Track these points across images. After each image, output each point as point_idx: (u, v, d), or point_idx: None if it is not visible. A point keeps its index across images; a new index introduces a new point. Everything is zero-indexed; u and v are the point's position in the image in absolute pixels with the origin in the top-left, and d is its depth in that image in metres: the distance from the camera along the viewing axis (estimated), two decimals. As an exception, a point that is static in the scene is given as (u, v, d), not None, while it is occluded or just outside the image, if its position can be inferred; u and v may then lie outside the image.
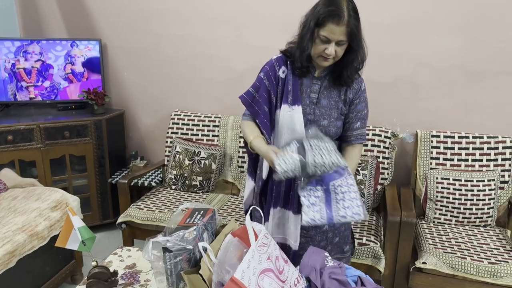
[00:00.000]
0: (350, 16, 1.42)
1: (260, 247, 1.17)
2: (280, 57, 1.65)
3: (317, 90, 1.62)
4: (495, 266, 2.03)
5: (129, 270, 1.66)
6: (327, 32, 1.44)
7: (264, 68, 1.67)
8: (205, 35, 3.07)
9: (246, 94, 1.66)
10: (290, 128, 1.60)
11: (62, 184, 3.02)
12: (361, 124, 1.67)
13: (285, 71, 1.62)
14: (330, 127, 1.62)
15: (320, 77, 1.62)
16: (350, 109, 1.65)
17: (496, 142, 2.49)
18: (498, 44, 2.53)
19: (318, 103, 1.61)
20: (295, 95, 1.59)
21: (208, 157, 2.90)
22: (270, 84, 1.63)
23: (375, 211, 2.66)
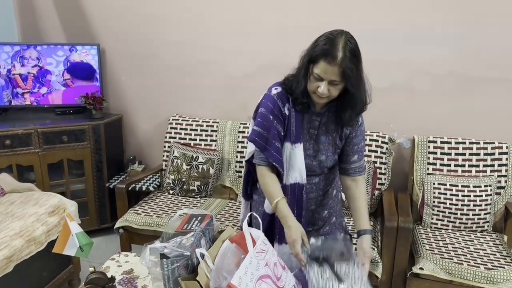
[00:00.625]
0: (345, 57, 1.37)
1: (258, 253, 1.17)
2: (281, 92, 1.58)
3: (317, 126, 1.60)
4: (491, 271, 2.04)
5: (126, 276, 1.66)
6: (319, 70, 1.40)
7: (265, 105, 1.58)
8: (203, 41, 3.08)
9: (258, 137, 1.57)
10: (292, 165, 1.58)
11: (59, 188, 3.02)
12: (359, 157, 1.65)
13: (289, 108, 1.57)
14: (328, 162, 1.62)
15: (320, 113, 1.59)
16: (346, 142, 1.63)
17: (493, 148, 2.50)
18: (493, 51, 2.55)
19: (317, 139, 1.60)
20: (297, 133, 1.57)
21: (206, 162, 2.91)
22: (279, 124, 1.57)
23: (372, 216, 2.67)
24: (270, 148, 1.56)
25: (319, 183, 1.68)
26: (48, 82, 3.20)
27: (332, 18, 2.73)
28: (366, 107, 1.56)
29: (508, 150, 2.49)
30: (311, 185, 1.66)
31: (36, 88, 3.19)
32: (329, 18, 2.74)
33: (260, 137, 1.57)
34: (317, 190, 1.69)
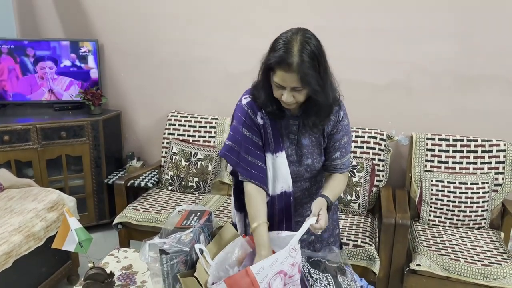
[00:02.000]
0: (303, 62, 1.26)
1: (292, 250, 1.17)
2: (251, 102, 1.50)
3: (296, 130, 1.51)
4: (488, 268, 2.06)
5: (125, 271, 1.67)
6: (278, 79, 1.31)
7: (237, 117, 1.52)
8: (202, 37, 3.08)
9: (229, 152, 1.50)
10: (276, 175, 1.52)
11: (58, 184, 3.02)
12: (341, 154, 1.56)
13: (263, 117, 1.49)
14: (315, 164, 1.55)
15: (297, 116, 1.50)
16: (328, 139, 1.55)
17: (491, 145, 2.51)
18: (491, 50, 2.55)
19: (298, 143, 1.52)
20: (276, 142, 1.49)
21: (205, 158, 2.91)
22: (254, 135, 1.49)
23: (370, 213, 2.68)
24: (242, 163, 1.48)
25: (310, 188, 1.62)
26: (46, 76, 3.19)
27: (330, 17, 2.73)
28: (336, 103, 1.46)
29: (506, 147, 2.50)
30: (302, 191, 1.61)
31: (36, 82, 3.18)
32: (327, 16, 2.74)
33: (231, 152, 1.50)
34: (310, 195, 1.63)
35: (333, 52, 1.43)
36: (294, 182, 1.55)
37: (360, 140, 2.67)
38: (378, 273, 2.19)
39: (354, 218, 2.57)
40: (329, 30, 2.65)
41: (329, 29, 2.68)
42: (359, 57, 2.73)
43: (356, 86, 2.76)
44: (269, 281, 1.09)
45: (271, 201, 1.55)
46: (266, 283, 1.08)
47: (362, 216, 2.59)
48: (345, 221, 2.50)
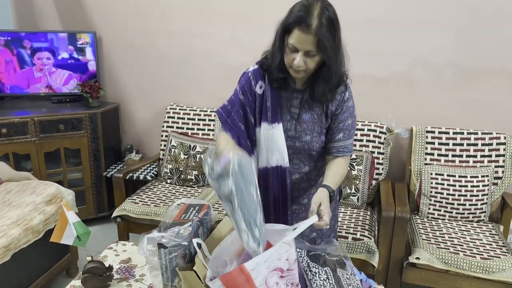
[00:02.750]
0: (321, 25, 1.27)
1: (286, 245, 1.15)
2: (257, 69, 1.52)
3: (298, 104, 1.51)
4: (487, 261, 2.06)
5: (124, 265, 1.66)
6: (294, 40, 1.32)
7: (240, 81, 1.57)
8: (201, 30, 3.06)
9: (222, 109, 1.57)
10: (271, 147, 1.51)
11: (56, 177, 3.01)
12: (344, 136, 1.54)
13: (263, 86, 1.50)
14: (313, 143, 1.53)
15: (301, 90, 1.50)
16: (332, 119, 1.53)
17: (491, 138, 2.50)
18: (492, 42, 2.53)
19: (299, 118, 1.51)
20: (274, 112, 1.49)
21: (204, 151, 2.90)
22: (246, 100, 1.52)
23: (370, 206, 2.68)
24: (230, 122, 1.53)
25: (310, 173, 1.60)
26: (43, 68, 3.17)
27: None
28: (344, 82, 1.48)
29: (506, 140, 2.49)
30: (301, 174, 1.59)
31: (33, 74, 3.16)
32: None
33: (224, 111, 1.57)
34: (308, 180, 1.61)
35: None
36: (291, 160, 1.54)
37: (359, 133, 2.66)
38: (377, 266, 2.19)
39: (354, 211, 2.56)
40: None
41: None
42: (359, 49, 2.69)
43: (356, 78, 2.70)
44: (266, 278, 1.08)
45: (266, 172, 1.55)
46: (262, 280, 1.07)
47: (362, 209, 2.59)
48: (344, 214, 2.50)
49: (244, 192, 1.16)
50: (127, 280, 1.56)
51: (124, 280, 1.56)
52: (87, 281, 1.49)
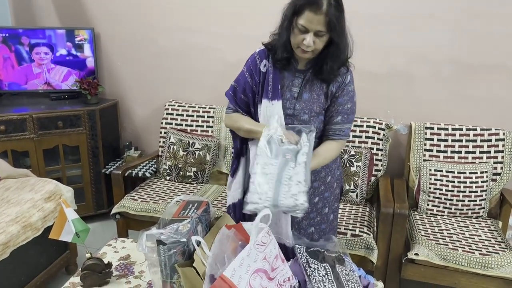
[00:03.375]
0: (330, 5, 1.35)
1: (258, 246, 1.16)
2: (262, 50, 1.60)
3: (299, 84, 1.56)
4: (486, 257, 2.06)
5: (123, 262, 1.66)
6: (304, 21, 1.38)
7: (247, 62, 1.64)
8: (200, 26, 3.05)
9: (231, 90, 1.65)
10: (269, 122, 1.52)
11: (55, 174, 3.01)
12: (342, 119, 1.57)
13: (267, 65, 1.56)
14: (311, 122, 1.56)
15: (303, 70, 1.56)
16: (331, 102, 1.57)
17: (489, 135, 2.50)
18: (492, 38, 2.53)
19: (299, 97, 1.56)
20: (275, 89, 1.54)
21: (203, 148, 2.90)
22: (252, 80, 1.59)
23: (369, 202, 2.68)
24: (238, 100, 1.63)
25: None
26: (41, 64, 3.16)
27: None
28: (349, 58, 1.54)
29: (505, 136, 2.49)
30: None
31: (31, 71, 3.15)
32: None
33: (232, 90, 1.65)
34: None
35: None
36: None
37: (358, 130, 2.66)
38: (376, 262, 2.20)
39: (352, 207, 2.57)
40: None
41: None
42: (358, 44, 2.68)
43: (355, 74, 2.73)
44: (249, 282, 1.08)
45: None
46: (246, 284, 1.07)
47: (360, 206, 2.59)
48: (343, 211, 2.50)
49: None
50: (126, 277, 1.56)
51: (123, 277, 1.57)
52: (86, 278, 1.49)
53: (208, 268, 1.15)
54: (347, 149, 2.62)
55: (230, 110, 1.67)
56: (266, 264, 1.17)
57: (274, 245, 1.23)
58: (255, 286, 1.10)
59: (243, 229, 1.27)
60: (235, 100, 1.63)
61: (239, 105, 1.63)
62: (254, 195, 1.31)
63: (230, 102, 1.65)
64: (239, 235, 1.26)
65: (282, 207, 1.29)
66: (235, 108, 1.64)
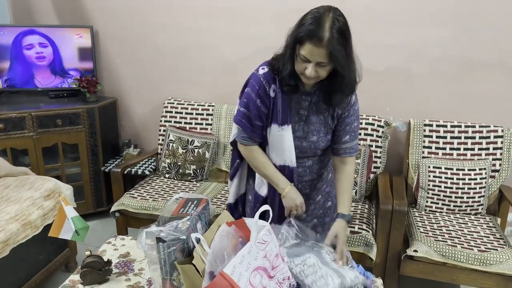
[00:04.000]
0: (332, 38, 1.30)
1: (259, 244, 1.16)
2: (267, 73, 1.54)
3: (307, 106, 1.55)
4: (484, 254, 2.07)
5: (123, 259, 1.67)
6: (305, 52, 1.34)
7: (251, 85, 1.56)
8: (199, 24, 3.04)
9: (243, 118, 1.57)
10: (280, 147, 1.57)
11: (55, 172, 3.01)
12: (351, 137, 1.60)
13: (275, 90, 1.53)
14: (320, 142, 1.59)
15: (310, 93, 1.54)
16: (338, 121, 1.58)
17: (488, 131, 2.51)
18: (490, 35, 2.53)
19: (307, 120, 1.56)
20: (284, 114, 1.53)
21: (202, 145, 2.90)
22: (263, 104, 1.54)
23: (368, 199, 2.69)
24: (254, 128, 1.56)
25: (312, 166, 1.65)
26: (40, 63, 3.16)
27: (327, 1, 2.68)
28: (356, 86, 1.50)
29: (504, 133, 2.49)
30: (304, 168, 1.64)
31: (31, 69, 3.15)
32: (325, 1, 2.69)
33: (245, 118, 1.57)
34: (311, 173, 1.66)
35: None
36: (297, 158, 1.59)
37: (357, 127, 2.66)
38: (375, 259, 2.20)
39: (352, 204, 2.57)
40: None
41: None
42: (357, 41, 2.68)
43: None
44: (249, 279, 1.09)
45: None
46: (246, 282, 1.08)
47: (360, 203, 2.60)
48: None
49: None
50: (126, 274, 1.57)
51: (123, 275, 1.57)
52: (85, 276, 1.50)
53: (207, 265, 1.15)
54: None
55: (246, 142, 1.61)
56: (267, 262, 1.17)
57: (275, 244, 1.24)
58: (255, 283, 1.10)
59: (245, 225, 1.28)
60: (251, 128, 1.57)
61: (255, 132, 1.58)
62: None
63: (245, 131, 1.58)
64: (239, 232, 1.26)
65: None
66: (250, 136, 1.59)
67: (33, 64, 3.15)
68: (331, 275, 1.28)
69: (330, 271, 1.30)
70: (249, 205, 1.81)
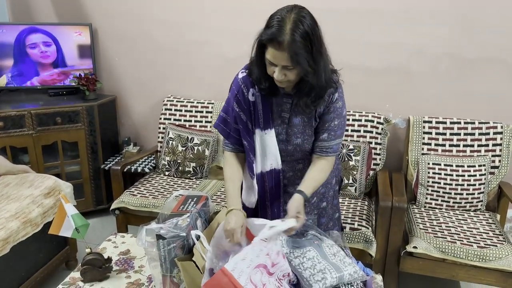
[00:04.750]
0: (293, 41, 1.24)
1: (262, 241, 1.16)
2: (245, 77, 1.51)
3: (288, 108, 1.51)
4: (484, 250, 2.07)
5: (123, 256, 1.67)
6: (269, 56, 1.31)
7: (231, 90, 1.55)
8: (198, 20, 3.04)
9: (221, 122, 1.58)
10: (265, 152, 1.54)
11: (54, 170, 3.01)
12: (329, 136, 1.51)
13: (254, 94, 1.49)
14: (305, 145, 1.53)
15: (291, 95, 1.49)
16: (319, 119, 1.52)
17: (488, 128, 2.51)
18: (490, 32, 2.53)
19: (290, 122, 1.51)
20: (266, 118, 1.50)
21: (201, 143, 2.90)
22: (241, 110, 1.51)
23: (367, 196, 2.69)
24: (232, 132, 1.56)
25: (303, 169, 1.59)
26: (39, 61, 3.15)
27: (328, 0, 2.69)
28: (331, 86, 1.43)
29: (503, 129, 2.50)
30: (295, 172, 1.61)
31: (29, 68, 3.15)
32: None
33: (223, 123, 1.58)
34: (302, 176, 1.58)
35: (330, 34, 1.42)
36: (284, 161, 1.57)
37: (357, 124, 2.66)
38: (375, 256, 2.21)
39: (351, 201, 2.57)
40: (325, 11, 2.59)
41: (325, 10, 2.63)
42: (356, 39, 2.69)
43: (353, 69, 2.74)
44: (249, 277, 1.09)
45: (262, 178, 1.58)
46: (246, 279, 1.08)
47: (359, 200, 2.60)
48: (342, 205, 2.51)
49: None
50: (126, 272, 1.57)
51: (123, 272, 1.57)
52: (86, 273, 1.50)
53: (207, 262, 1.16)
54: (345, 143, 2.62)
55: (227, 148, 1.60)
56: (268, 260, 1.17)
57: (275, 242, 1.24)
58: (255, 281, 1.11)
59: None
60: (227, 131, 1.57)
61: (232, 135, 1.57)
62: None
63: (222, 134, 1.59)
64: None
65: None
66: (227, 140, 1.58)
67: (37, 63, 3.14)
68: (329, 269, 1.29)
69: (329, 266, 1.30)
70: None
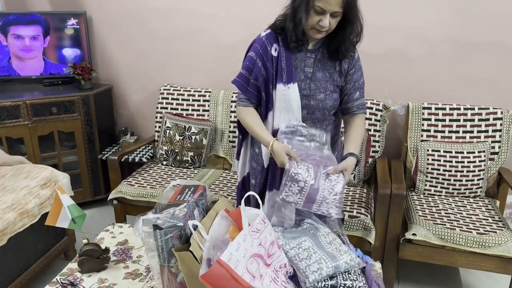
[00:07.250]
0: None
1: (253, 232, 1.15)
2: (269, 33, 1.59)
3: (312, 63, 1.58)
4: (483, 236, 2.07)
5: (121, 247, 1.66)
6: (322, 3, 1.40)
7: (254, 47, 1.61)
8: (194, 8, 2.99)
9: (240, 78, 1.62)
10: (286, 107, 1.58)
11: (51, 160, 2.99)
12: (360, 94, 1.65)
13: (277, 49, 1.57)
14: (327, 101, 1.60)
15: (314, 50, 1.58)
16: (346, 80, 1.62)
17: (487, 114, 2.49)
18: (490, 17, 2.50)
19: (313, 77, 1.59)
20: (289, 72, 1.56)
21: (199, 132, 2.88)
22: (264, 65, 1.58)
23: (366, 183, 2.68)
24: (250, 88, 1.60)
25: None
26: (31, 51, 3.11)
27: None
28: (362, 35, 1.55)
29: (503, 115, 2.48)
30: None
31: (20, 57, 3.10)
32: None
33: (242, 79, 1.61)
34: None
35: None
36: (304, 121, 1.61)
37: (355, 111, 2.64)
38: (374, 243, 2.20)
39: (350, 189, 2.56)
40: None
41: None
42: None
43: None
44: (246, 266, 1.08)
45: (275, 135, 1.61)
46: (243, 269, 1.07)
47: (358, 187, 2.59)
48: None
49: None
50: (124, 262, 1.56)
51: (121, 262, 1.57)
52: (83, 264, 1.49)
53: (205, 252, 1.14)
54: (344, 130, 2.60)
55: (242, 103, 1.65)
56: (262, 250, 1.16)
57: (269, 232, 1.23)
58: (252, 270, 1.10)
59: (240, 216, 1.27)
60: (246, 87, 1.61)
61: (250, 91, 1.61)
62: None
63: (240, 90, 1.63)
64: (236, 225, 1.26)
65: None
66: (247, 97, 1.63)
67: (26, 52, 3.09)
68: (325, 259, 1.28)
69: (325, 256, 1.30)
70: (252, 190, 1.80)
